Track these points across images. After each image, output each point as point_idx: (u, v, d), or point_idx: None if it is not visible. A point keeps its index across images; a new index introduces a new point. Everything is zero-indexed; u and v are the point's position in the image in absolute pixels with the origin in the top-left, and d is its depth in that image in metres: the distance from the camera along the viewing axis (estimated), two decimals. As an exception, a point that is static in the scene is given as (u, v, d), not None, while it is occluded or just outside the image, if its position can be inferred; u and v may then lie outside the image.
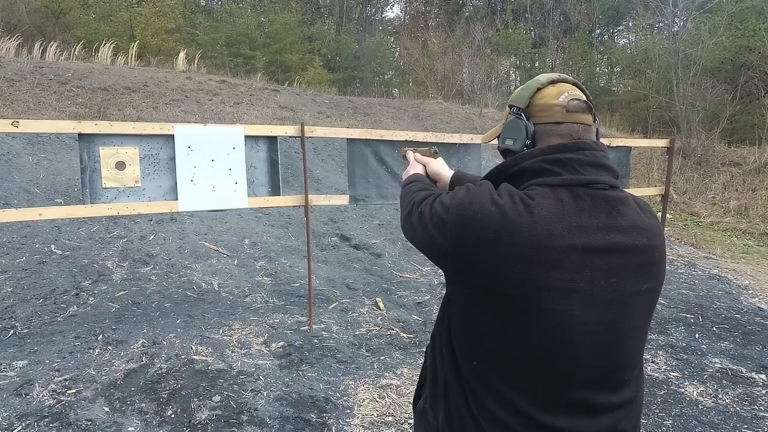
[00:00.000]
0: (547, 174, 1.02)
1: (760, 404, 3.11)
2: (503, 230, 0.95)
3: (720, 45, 13.67)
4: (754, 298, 5.25)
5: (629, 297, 1.01)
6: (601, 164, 1.04)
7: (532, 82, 1.13)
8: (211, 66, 14.48)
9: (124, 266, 4.64)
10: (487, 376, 1.01)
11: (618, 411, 1.03)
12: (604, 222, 0.99)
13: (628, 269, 1.00)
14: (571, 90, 1.09)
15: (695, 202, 9.70)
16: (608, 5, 23.02)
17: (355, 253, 5.80)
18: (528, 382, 0.98)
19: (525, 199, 0.98)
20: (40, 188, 5.74)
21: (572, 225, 0.96)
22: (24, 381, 2.88)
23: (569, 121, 1.07)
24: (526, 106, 1.10)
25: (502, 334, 0.99)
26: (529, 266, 0.94)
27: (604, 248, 0.98)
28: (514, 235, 0.94)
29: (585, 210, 0.99)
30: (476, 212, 0.98)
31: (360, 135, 3.97)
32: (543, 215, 0.96)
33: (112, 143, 3.23)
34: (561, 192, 0.99)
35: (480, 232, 0.97)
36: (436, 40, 19.27)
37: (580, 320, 0.96)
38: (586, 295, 0.96)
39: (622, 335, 1.01)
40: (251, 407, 2.79)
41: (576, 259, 0.96)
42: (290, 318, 4.01)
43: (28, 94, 8.04)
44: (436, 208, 1.07)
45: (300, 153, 4.10)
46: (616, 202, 1.02)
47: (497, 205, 0.98)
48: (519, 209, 0.96)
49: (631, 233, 1.02)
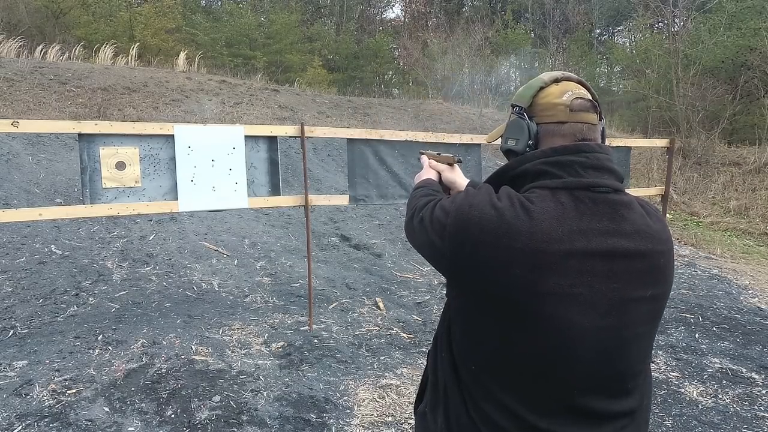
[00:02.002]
0: (547, 176, 1.00)
1: (760, 404, 3.11)
2: (502, 234, 0.94)
3: (720, 45, 13.66)
4: (754, 298, 5.25)
5: (631, 303, 0.98)
6: (603, 167, 1.01)
7: (534, 80, 1.10)
8: (211, 66, 14.49)
9: (124, 266, 4.64)
10: (485, 380, 1.00)
11: (621, 419, 1.01)
12: (606, 226, 0.97)
13: (631, 275, 0.98)
14: (576, 88, 1.07)
15: (695, 202, 9.70)
16: (608, 5, 23.03)
17: (355, 253, 5.80)
18: (525, 387, 0.97)
19: (524, 202, 0.97)
20: (40, 188, 5.74)
21: (572, 229, 0.94)
22: (24, 381, 2.88)
23: (573, 121, 1.04)
24: (528, 105, 1.08)
25: (499, 339, 0.98)
26: (528, 271, 0.92)
27: (605, 253, 0.96)
28: (513, 239, 0.93)
29: (586, 214, 0.96)
30: (475, 216, 0.97)
31: (360, 135, 3.97)
32: (542, 219, 0.94)
33: (112, 143, 3.23)
34: (561, 195, 0.97)
35: (478, 236, 0.96)
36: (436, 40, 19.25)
37: (579, 326, 0.94)
38: (586, 301, 0.94)
39: (624, 342, 0.99)
40: (251, 407, 2.79)
41: (576, 264, 0.94)
42: (290, 318, 4.01)
43: (28, 94, 8.04)
44: (436, 212, 1.06)
45: (300, 153, 4.10)
46: (619, 206, 0.99)
47: (496, 208, 0.97)
48: (518, 213, 0.95)
49: (635, 238, 0.98)
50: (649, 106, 15.48)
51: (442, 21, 24.74)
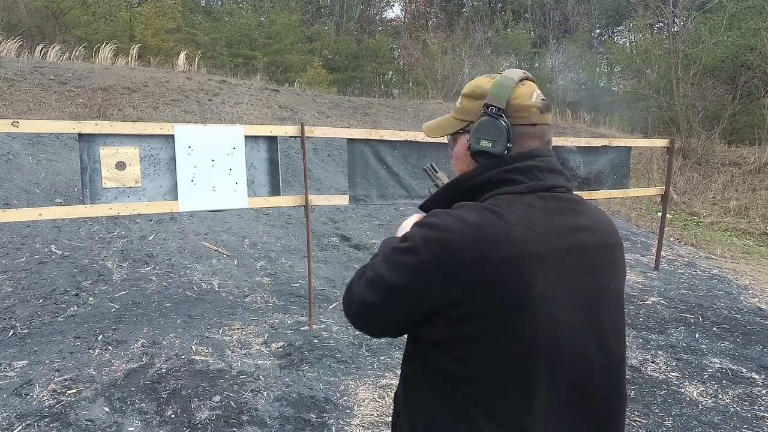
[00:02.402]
0: (510, 183, 1.00)
1: (760, 404, 3.11)
2: (484, 247, 0.91)
3: (720, 45, 13.66)
4: (754, 298, 5.25)
5: (604, 296, 1.01)
6: (556, 169, 1.04)
7: (504, 79, 1.04)
8: (211, 66, 14.49)
9: (124, 266, 4.64)
10: (484, 400, 0.96)
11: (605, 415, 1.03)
12: (572, 222, 1.00)
13: (599, 268, 1.01)
14: (537, 89, 1.06)
15: (695, 202, 9.70)
16: (608, 5, 23.03)
17: (355, 253, 5.80)
18: (522, 394, 0.95)
19: (494, 209, 0.95)
20: (40, 188, 5.74)
21: (546, 229, 0.95)
22: (24, 381, 2.88)
23: (541, 123, 1.05)
24: (504, 106, 1.03)
25: (495, 353, 0.94)
26: (513, 277, 0.91)
27: (576, 249, 0.98)
28: (494, 248, 0.91)
29: (554, 212, 0.98)
30: (451, 238, 0.92)
31: (360, 135, 3.97)
32: (516, 223, 0.93)
33: (112, 143, 3.23)
34: (528, 198, 0.98)
35: (462, 256, 0.91)
36: (436, 40, 19.26)
37: (566, 325, 0.95)
38: (569, 299, 0.96)
39: (604, 336, 1.01)
40: (251, 407, 2.79)
41: (555, 263, 0.95)
42: (290, 318, 4.01)
43: (28, 94, 8.04)
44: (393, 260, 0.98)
45: (300, 153, 4.10)
46: (576, 204, 1.03)
47: (467, 223, 0.93)
48: (491, 221, 0.93)
49: (596, 232, 1.02)
50: (649, 106, 15.48)
51: (442, 21, 24.76)
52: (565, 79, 21.37)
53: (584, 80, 22.02)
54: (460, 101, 1.11)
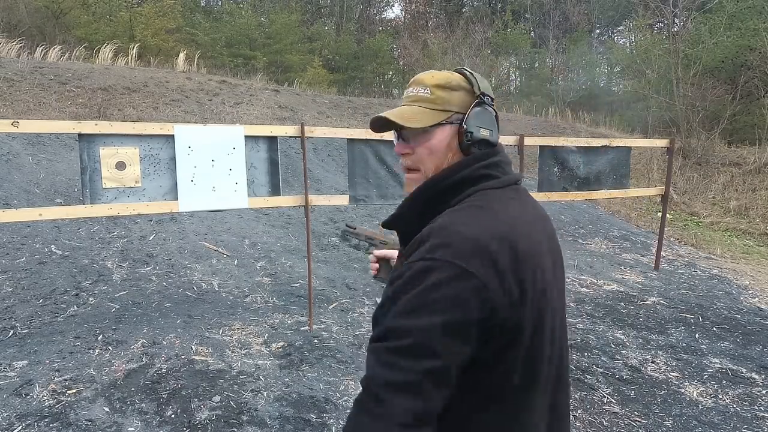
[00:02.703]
0: (487, 179, 0.99)
1: (760, 404, 3.11)
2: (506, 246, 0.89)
3: (720, 45, 13.66)
4: (754, 298, 5.25)
5: (563, 280, 1.08)
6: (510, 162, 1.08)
7: (476, 74, 1.05)
8: (211, 66, 14.49)
9: (124, 266, 4.64)
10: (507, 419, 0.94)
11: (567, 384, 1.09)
12: (538, 213, 1.05)
13: (558, 254, 1.07)
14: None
15: (695, 202, 9.70)
16: (608, 5, 23.02)
17: (355, 253, 5.80)
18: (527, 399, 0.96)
19: (486, 209, 0.94)
20: (40, 188, 5.74)
21: (527, 220, 0.98)
22: (24, 381, 2.88)
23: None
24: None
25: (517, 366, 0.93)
26: (534, 269, 0.93)
27: (549, 238, 1.04)
28: (514, 244, 0.90)
29: (526, 204, 1.02)
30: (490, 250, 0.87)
31: (360, 135, 3.96)
32: (509, 218, 0.94)
33: (112, 143, 3.23)
34: (507, 192, 1.00)
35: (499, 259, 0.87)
36: (436, 40, 19.27)
37: (557, 309, 1.02)
38: (554, 288, 1.00)
39: (564, 326, 1.07)
40: (251, 407, 2.79)
41: (547, 252, 1.00)
42: (290, 318, 4.01)
43: (28, 95, 8.04)
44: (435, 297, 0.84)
45: (300, 153, 4.10)
46: (529, 195, 1.08)
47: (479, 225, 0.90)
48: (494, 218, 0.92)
49: (548, 220, 1.08)
50: (649, 106, 15.48)
51: (442, 21, 24.76)
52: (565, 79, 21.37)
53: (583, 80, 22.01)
54: (430, 92, 1.01)
